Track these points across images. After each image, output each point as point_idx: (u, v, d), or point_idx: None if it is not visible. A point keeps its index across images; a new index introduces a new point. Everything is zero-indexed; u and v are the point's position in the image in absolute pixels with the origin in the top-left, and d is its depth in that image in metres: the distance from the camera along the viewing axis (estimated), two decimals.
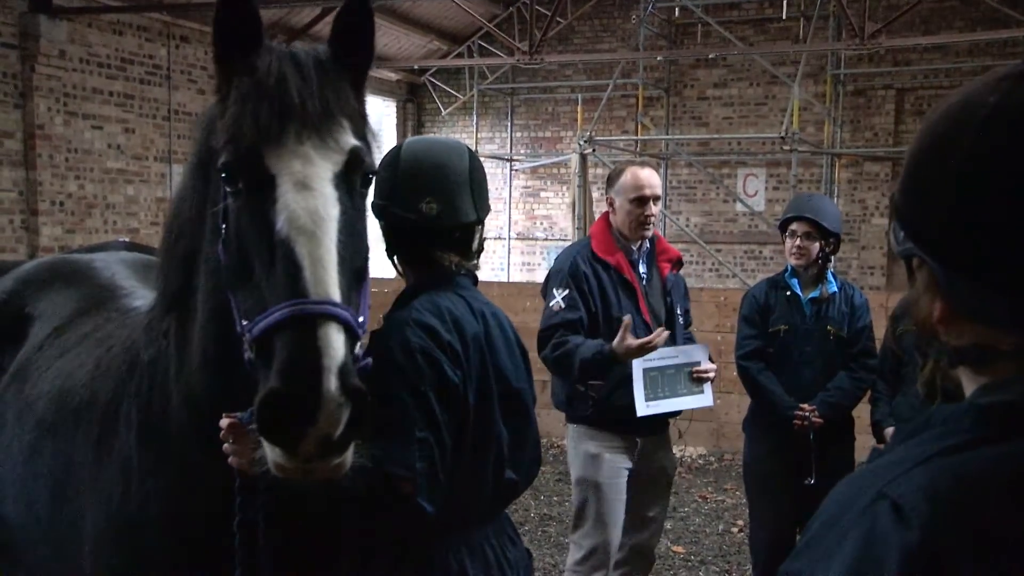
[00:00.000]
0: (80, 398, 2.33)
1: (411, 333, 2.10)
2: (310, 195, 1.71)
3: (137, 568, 2.09)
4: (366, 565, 2.18)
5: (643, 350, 3.56)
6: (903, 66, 13.84)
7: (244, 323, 1.69)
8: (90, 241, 9.92)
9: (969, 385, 1.01)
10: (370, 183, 1.91)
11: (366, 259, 1.87)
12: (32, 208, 10.08)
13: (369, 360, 1.81)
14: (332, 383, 1.53)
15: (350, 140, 1.81)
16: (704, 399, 3.97)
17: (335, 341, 1.57)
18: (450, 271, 2.30)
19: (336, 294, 1.64)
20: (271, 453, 1.61)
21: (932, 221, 0.97)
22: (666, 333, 3.65)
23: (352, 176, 1.81)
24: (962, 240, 0.94)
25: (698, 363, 3.91)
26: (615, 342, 3.56)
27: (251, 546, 1.94)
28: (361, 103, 1.94)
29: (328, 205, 1.72)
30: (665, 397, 3.83)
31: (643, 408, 3.75)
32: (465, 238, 2.35)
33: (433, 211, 2.24)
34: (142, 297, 2.66)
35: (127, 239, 9.81)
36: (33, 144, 10.00)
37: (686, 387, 3.90)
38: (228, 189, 1.79)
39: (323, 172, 1.75)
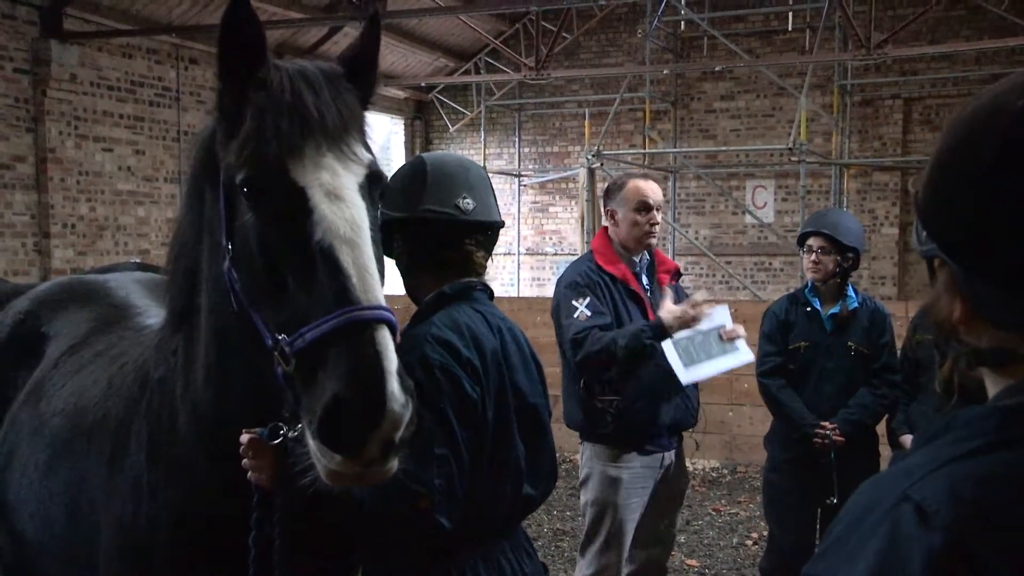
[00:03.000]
0: (94, 416, 2.34)
1: (430, 349, 2.10)
2: (344, 205, 1.73)
3: None
4: None
5: (689, 315, 3.57)
6: (910, 75, 13.83)
7: (281, 336, 1.67)
8: (102, 263, 9.98)
9: (992, 387, 1.00)
10: (383, 197, 1.93)
11: (384, 264, 1.90)
12: (44, 231, 10.16)
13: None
14: (395, 386, 1.55)
15: (366, 153, 1.85)
16: (743, 355, 3.88)
17: (391, 345, 1.60)
18: (469, 285, 2.31)
19: (382, 299, 1.67)
20: (328, 462, 1.60)
21: (954, 223, 0.97)
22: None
23: (373, 188, 1.84)
24: (982, 244, 0.94)
25: (723, 325, 3.84)
26: (660, 311, 3.58)
27: (266, 561, 1.94)
28: (366, 120, 1.97)
29: (362, 214, 1.74)
30: (703, 360, 3.75)
31: (685, 376, 3.68)
32: (493, 238, 2.40)
33: (469, 206, 2.30)
34: (155, 316, 2.67)
35: (139, 260, 9.88)
36: (45, 168, 10.09)
37: (719, 348, 3.81)
38: (250, 204, 1.77)
39: (350, 182, 1.77)
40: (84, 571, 2.27)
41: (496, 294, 2.47)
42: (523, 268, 16.32)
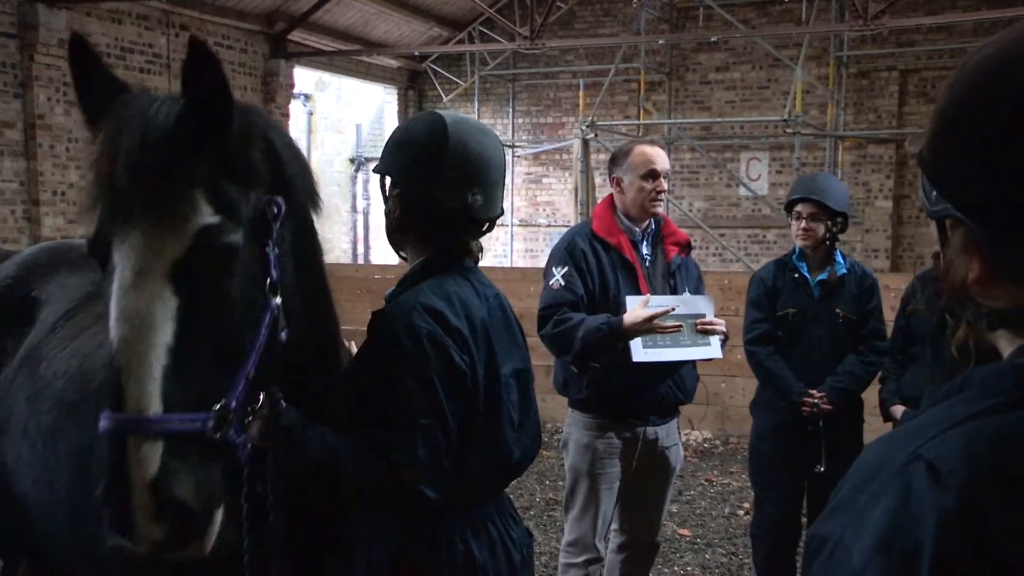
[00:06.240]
0: (102, 377, 2.33)
1: (418, 318, 2.06)
2: (136, 295, 1.63)
3: None
4: (372, 546, 2.18)
5: (651, 322, 3.49)
6: (906, 47, 13.76)
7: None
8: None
9: (1007, 347, 0.98)
10: (231, 261, 1.73)
11: (242, 334, 1.76)
12: (34, 199, 10.06)
13: (243, 437, 1.76)
14: (141, 499, 1.56)
15: (198, 221, 1.68)
16: (711, 351, 3.74)
17: (145, 457, 1.57)
18: (459, 255, 2.28)
19: (152, 406, 1.60)
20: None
21: (974, 180, 0.93)
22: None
23: (202, 259, 1.68)
24: (1008, 199, 0.91)
25: (703, 315, 3.73)
26: (626, 313, 3.53)
27: (259, 516, 1.95)
28: (232, 155, 1.77)
29: (154, 306, 1.63)
30: (666, 346, 3.64)
31: (640, 354, 3.59)
32: (490, 228, 2.35)
33: (478, 202, 2.22)
34: None
35: None
36: (33, 134, 9.97)
37: (690, 338, 3.69)
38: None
39: (157, 265, 1.65)
40: (87, 532, 2.27)
41: (489, 264, 2.45)
42: (516, 239, 16.28)
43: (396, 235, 2.34)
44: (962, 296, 0.98)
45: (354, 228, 18.35)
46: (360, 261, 17.63)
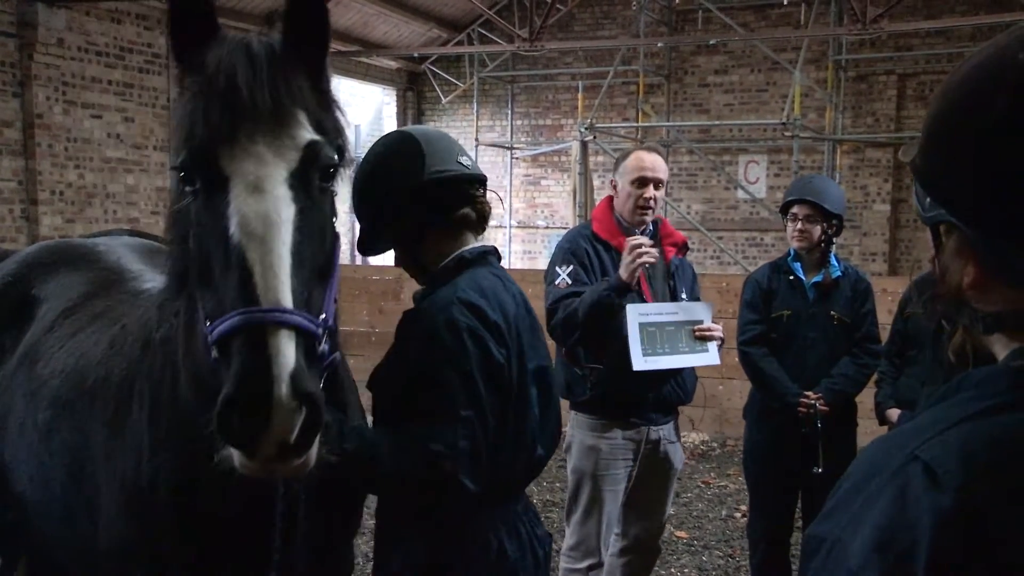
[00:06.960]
0: (96, 376, 2.35)
1: (457, 312, 2.12)
2: (262, 198, 1.69)
3: (146, 543, 2.10)
4: (406, 543, 2.20)
5: (636, 252, 3.55)
6: (905, 51, 13.79)
7: (207, 323, 1.70)
8: (90, 231, 9.89)
9: (1002, 350, 0.98)
10: (333, 176, 1.86)
11: (330, 254, 1.85)
12: (32, 198, 10.06)
13: (337, 355, 1.80)
14: (283, 390, 1.54)
15: (306, 135, 1.78)
16: (709, 357, 3.79)
17: (285, 348, 1.58)
18: (486, 250, 2.34)
19: (287, 300, 1.63)
20: (233, 454, 1.63)
21: (966, 184, 0.94)
22: (649, 241, 3.68)
23: (310, 172, 1.78)
24: (1000, 202, 0.91)
25: (701, 321, 3.78)
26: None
27: (292, 519, 1.96)
28: (322, 90, 1.89)
29: (280, 208, 1.70)
30: (665, 353, 3.69)
31: (640, 363, 3.63)
32: (485, 193, 2.42)
33: (468, 161, 2.34)
34: (151, 280, 2.67)
35: (128, 228, 9.79)
36: (32, 133, 9.97)
37: (688, 345, 3.74)
38: (187, 188, 1.79)
39: (277, 172, 1.72)
40: (83, 530, 2.28)
41: None
42: (514, 241, 16.29)
43: (421, 247, 2.36)
44: (958, 300, 0.98)
45: (352, 229, 18.36)
46: (358, 262, 17.63)
